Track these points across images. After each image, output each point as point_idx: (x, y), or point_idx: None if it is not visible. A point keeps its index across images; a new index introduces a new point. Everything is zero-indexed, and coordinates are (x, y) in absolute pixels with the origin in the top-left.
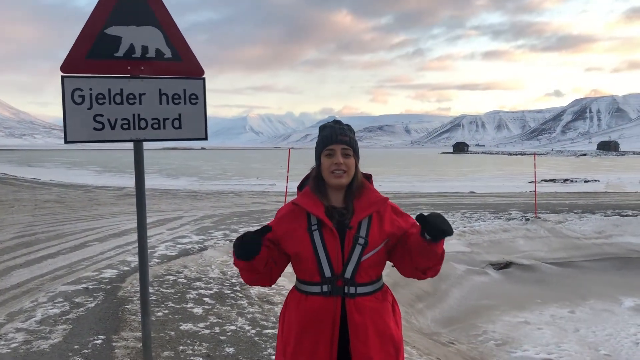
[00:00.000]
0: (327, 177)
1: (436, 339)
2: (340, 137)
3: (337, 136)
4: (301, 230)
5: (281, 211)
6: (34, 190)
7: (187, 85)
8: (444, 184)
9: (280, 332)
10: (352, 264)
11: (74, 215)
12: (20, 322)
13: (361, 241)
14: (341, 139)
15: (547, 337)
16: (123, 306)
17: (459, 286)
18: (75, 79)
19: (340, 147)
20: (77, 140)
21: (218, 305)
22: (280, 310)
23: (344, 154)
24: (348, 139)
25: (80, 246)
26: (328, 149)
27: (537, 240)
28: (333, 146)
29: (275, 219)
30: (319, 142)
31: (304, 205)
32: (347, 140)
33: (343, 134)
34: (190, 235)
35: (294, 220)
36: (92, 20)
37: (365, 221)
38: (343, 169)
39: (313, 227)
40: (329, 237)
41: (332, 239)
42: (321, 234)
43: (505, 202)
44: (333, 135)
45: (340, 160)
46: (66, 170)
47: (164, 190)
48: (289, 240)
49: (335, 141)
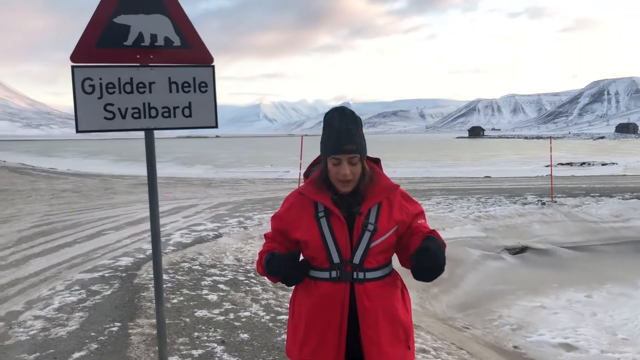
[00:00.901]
0: (334, 182)
1: (451, 324)
2: (347, 147)
3: (344, 146)
4: (308, 218)
5: (289, 200)
6: (51, 179)
7: (197, 73)
8: (459, 169)
9: (291, 316)
10: (360, 249)
11: (90, 204)
12: (38, 310)
13: (370, 227)
14: (349, 149)
15: (563, 321)
16: (139, 293)
17: (474, 271)
18: (85, 68)
19: (347, 157)
20: (89, 130)
21: (232, 291)
22: (291, 296)
23: (350, 163)
24: (355, 147)
25: (96, 235)
26: (335, 158)
27: (553, 224)
28: (340, 156)
29: (283, 208)
30: (326, 144)
31: (310, 194)
32: (355, 149)
33: (350, 143)
34: (205, 222)
35: (301, 208)
36: (101, 9)
37: (375, 208)
38: (350, 179)
39: (320, 214)
40: (336, 224)
41: (340, 225)
42: (328, 221)
43: (521, 186)
44: (339, 145)
45: (347, 171)
46: (83, 159)
47: (179, 179)
48: (297, 229)
49: (343, 152)
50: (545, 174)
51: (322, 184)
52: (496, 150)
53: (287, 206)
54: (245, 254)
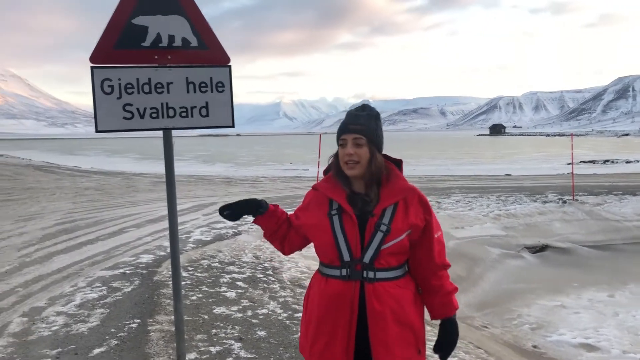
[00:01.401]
0: (342, 167)
1: (469, 322)
2: (352, 127)
3: (349, 126)
4: (322, 214)
5: (308, 196)
6: (75, 178)
7: (214, 73)
8: (479, 167)
9: (304, 313)
10: (371, 249)
11: (112, 202)
12: (60, 306)
13: (383, 228)
14: (352, 128)
15: (584, 321)
16: (158, 290)
17: (493, 270)
18: (104, 69)
19: (352, 136)
20: (108, 130)
21: (251, 289)
22: (305, 292)
23: (355, 143)
24: (360, 128)
25: (118, 232)
26: (341, 139)
27: (574, 223)
28: (345, 136)
29: (303, 205)
30: (337, 130)
31: (325, 190)
32: (359, 129)
33: (355, 123)
34: (224, 220)
35: (317, 205)
36: (119, 10)
37: (390, 209)
38: (355, 159)
39: (333, 212)
40: (348, 222)
41: (351, 224)
42: (340, 219)
43: (542, 184)
44: (345, 125)
45: (351, 151)
46: (106, 158)
47: (200, 177)
48: (311, 226)
49: (347, 131)
50: (566, 171)
51: (337, 180)
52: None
53: (307, 202)
54: (264, 252)
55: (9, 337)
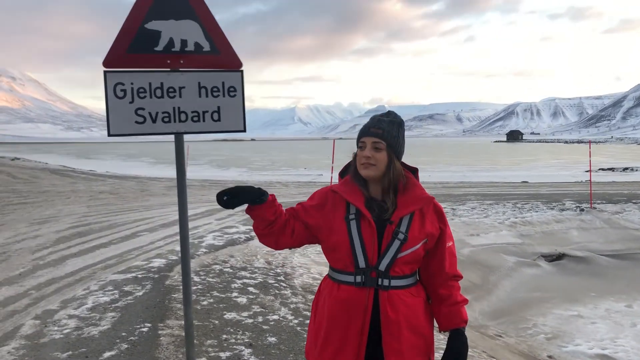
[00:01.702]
0: (358, 168)
1: (483, 331)
2: (373, 130)
3: (370, 129)
4: (339, 218)
5: (323, 195)
6: (90, 181)
7: (226, 78)
8: (496, 174)
9: (313, 319)
10: (388, 257)
11: (126, 206)
12: (72, 309)
13: (401, 236)
14: (373, 131)
15: (601, 331)
16: (170, 295)
17: (508, 278)
18: (117, 73)
19: (372, 140)
20: (120, 134)
21: (262, 294)
22: (314, 298)
23: (374, 147)
24: (381, 132)
25: (131, 236)
26: (360, 141)
27: (592, 231)
28: (365, 138)
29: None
30: (358, 133)
31: (344, 194)
32: (379, 133)
33: (376, 127)
34: (237, 225)
35: (333, 207)
36: (132, 15)
37: (407, 217)
38: (370, 162)
39: (350, 216)
40: (365, 228)
41: (369, 230)
42: (358, 224)
43: (559, 192)
44: (366, 128)
45: (368, 154)
46: (121, 162)
47: (214, 181)
48: (325, 228)
49: (367, 134)
50: (584, 179)
51: (356, 184)
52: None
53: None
54: (276, 257)
55: (21, 340)
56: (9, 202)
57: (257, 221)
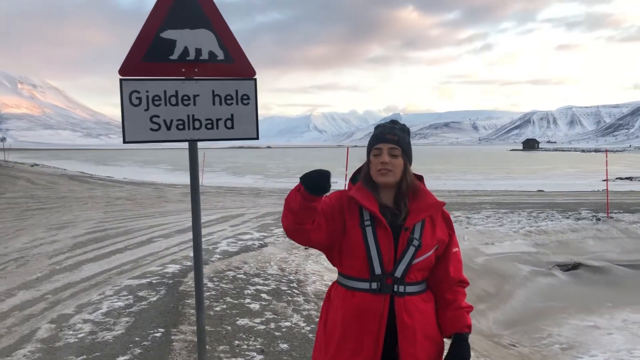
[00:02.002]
0: (374, 174)
1: (497, 341)
2: (388, 137)
3: (385, 135)
4: (354, 224)
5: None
6: (107, 187)
7: (239, 86)
8: (511, 182)
9: (322, 327)
10: (403, 264)
11: (142, 212)
12: (87, 314)
13: (415, 243)
14: (389, 138)
15: (618, 342)
16: (183, 300)
17: (523, 287)
18: (133, 81)
19: (388, 146)
20: (135, 141)
21: (275, 301)
22: (322, 305)
23: (390, 153)
24: (397, 139)
25: (146, 242)
26: (376, 148)
27: (608, 241)
28: (380, 145)
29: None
30: (370, 140)
31: (360, 199)
32: (395, 139)
33: (392, 134)
34: (251, 232)
35: (348, 212)
36: (148, 24)
37: (419, 224)
38: (388, 168)
39: (366, 222)
40: (382, 235)
41: (386, 237)
42: (374, 231)
43: (575, 201)
44: (381, 135)
45: (386, 159)
46: (139, 168)
47: (229, 188)
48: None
49: (383, 140)
50: (601, 188)
51: (368, 190)
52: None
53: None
54: (289, 264)
55: (37, 343)
56: (28, 207)
57: (306, 213)
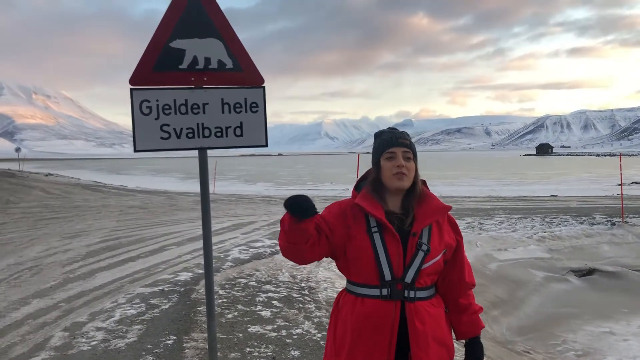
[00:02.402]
0: (389, 180)
1: (510, 347)
2: (401, 141)
3: (398, 139)
4: (361, 232)
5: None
6: (120, 196)
7: (248, 94)
8: (525, 188)
9: (332, 335)
10: (413, 269)
11: (155, 220)
12: (100, 322)
13: (424, 247)
14: (402, 142)
15: (634, 349)
16: (195, 308)
17: (537, 293)
18: (143, 90)
19: (402, 149)
20: (146, 149)
21: (286, 308)
22: (331, 316)
23: (405, 157)
24: (408, 143)
25: (159, 250)
26: (389, 152)
27: (624, 246)
28: (394, 149)
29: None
30: (379, 145)
31: (365, 206)
32: (407, 143)
33: (403, 138)
34: (263, 239)
35: (353, 220)
36: (158, 34)
37: (427, 229)
38: (405, 172)
39: (373, 229)
40: (390, 241)
41: (394, 242)
42: (382, 237)
43: (590, 205)
44: (393, 139)
45: (402, 162)
46: (151, 177)
47: (240, 196)
48: (347, 242)
49: (396, 144)
50: (616, 193)
51: (374, 198)
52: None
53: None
54: (301, 271)
55: (50, 351)
56: (42, 216)
57: (297, 234)
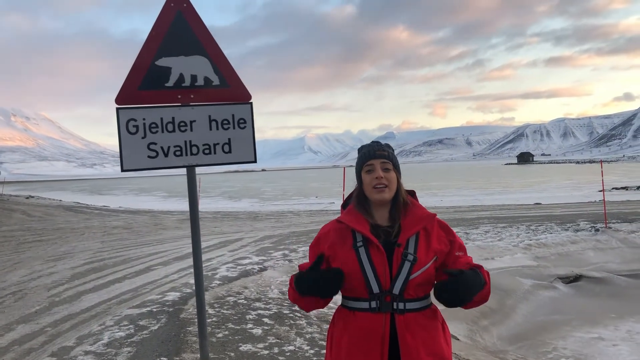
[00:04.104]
0: (369, 193)
1: (502, 357)
2: (379, 152)
3: (375, 152)
4: (347, 247)
5: (326, 227)
6: (103, 217)
7: (236, 111)
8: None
9: (329, 351)
10: (400, 280)
11: (140, 240)
12: (88, 345)
13: (410, 257)
14: (379, 154)
15: (623, 354)
16: (185, 328)
17: (525, 302)
18: (129, 109)
19: (379, 161)
20: (133, 169)
21: (277, 325)
22: (328, 329)
23: (383, 168)
24: (387, 154)
25: (145, 270)
26: (367, 165)
27: (608, 251)
28: (372, 161)
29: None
30: (359, 160)
31: (349, 222)
32: (385, 154)
33: (381, 149)
34: (250, 256)
35: (339, 238)
36: (143, 53)
37: (413, 238)
38: (384, 183)
39: (359, 243)
40: (375, 254)
41: (379, 255)
42: (367, 250)
43: (573, 212)
44: (371, 151)
45: (381, 174)
46: (134, 196)
47: (226, 213)
48: (335, 257)
49: (374, 156)
50: (598, 199)
51: (360, 212)
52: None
53: (325, 231)
54: None
55: None
56: (24, 240)
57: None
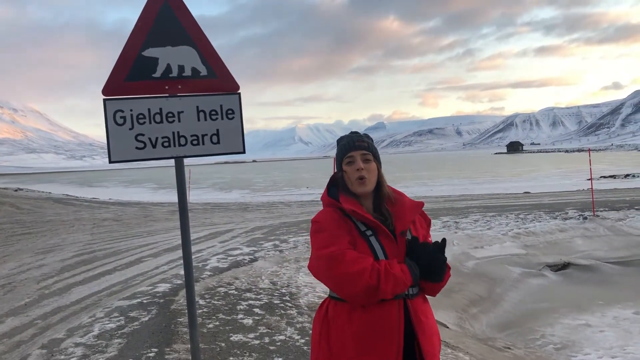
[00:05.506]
0: (353, 185)
1: (491, 344)
2: (358, 144)
3: (355, 143)
4: (354, 235)
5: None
6: (93, 209)
7: (224, 101)
8: (497, 186)
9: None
10: None
11: (130, 232)
12: (79, 337)
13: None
14: (359, 145)
15: (610, 340)
16: (175, 319)
17: (514, 289)
18: (117, 101)
19: (360, 152)
20: (121, 160)
21: (268, 315)
22: (317, 327)
23: (364, 159)
24: (366, 145)
25: (135, 262)
26: (348, 157)
27: (596, 239)
28: (352, 153)
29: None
30: (339, 151)
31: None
32: (365, 145)
33: (360, 140)
34: (241, 247)
35: (344, 224)
36: (130, 43)
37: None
38: (364, 175)
39: (368, 232)
40: (386, 242)
41: (391, 243)
42: (378, 239)
43: (562, 201)
44: (351, 143)
45: (361, 165)
46: (124, 188)
47: (216, 204)
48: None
49: (354, 148)
50: (586, 187)
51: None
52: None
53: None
54: (281, 278)
55: None
56: (13, 232)
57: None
